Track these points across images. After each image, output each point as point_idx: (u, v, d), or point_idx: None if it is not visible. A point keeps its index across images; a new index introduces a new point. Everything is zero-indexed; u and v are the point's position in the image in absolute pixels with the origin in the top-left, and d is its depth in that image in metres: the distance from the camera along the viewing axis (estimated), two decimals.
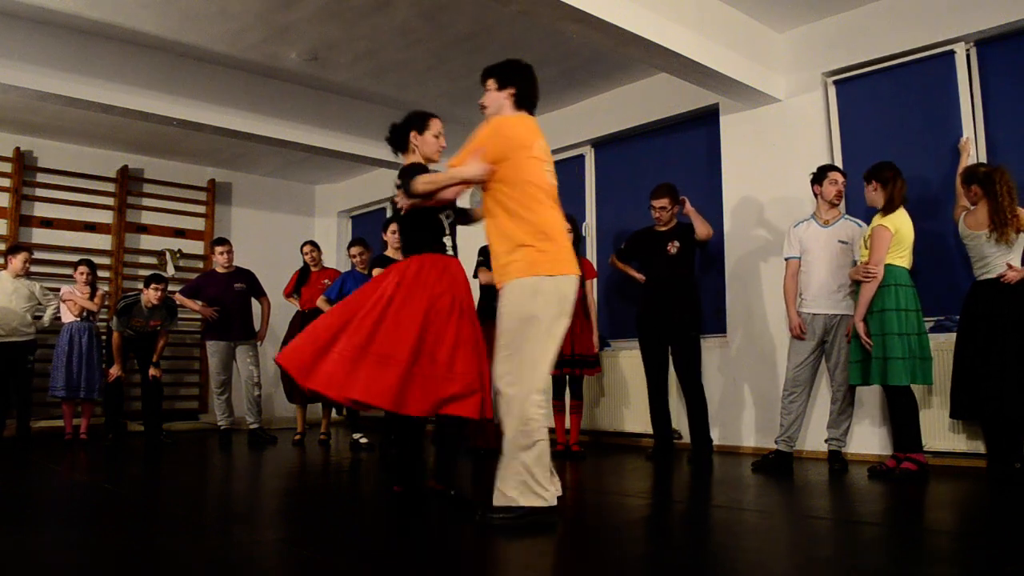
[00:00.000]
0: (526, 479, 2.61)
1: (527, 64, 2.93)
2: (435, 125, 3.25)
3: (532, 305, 2.65)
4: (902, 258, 3.86)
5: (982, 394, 3.68)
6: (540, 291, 2.66)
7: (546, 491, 2.64)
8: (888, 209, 3.89)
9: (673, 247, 4.73)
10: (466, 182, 2.83)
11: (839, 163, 4.81)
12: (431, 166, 3.19)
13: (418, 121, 3.25)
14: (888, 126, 4.72)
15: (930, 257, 4.40)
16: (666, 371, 4.80)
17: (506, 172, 2.75)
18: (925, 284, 4.34)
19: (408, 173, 3.00)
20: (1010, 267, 3.71)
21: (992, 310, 3.71)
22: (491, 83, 2.90)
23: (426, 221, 3.14)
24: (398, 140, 3.27)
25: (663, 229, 4.82)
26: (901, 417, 3.84)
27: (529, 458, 2.61)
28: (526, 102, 2.89)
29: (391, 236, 4.94)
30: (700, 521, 3.06)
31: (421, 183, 2.89)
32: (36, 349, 6.02)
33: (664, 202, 4.78)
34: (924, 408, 4.25)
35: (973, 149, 4.30)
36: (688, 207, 4.74)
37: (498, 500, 2.64)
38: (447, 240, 3.17)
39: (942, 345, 4.16)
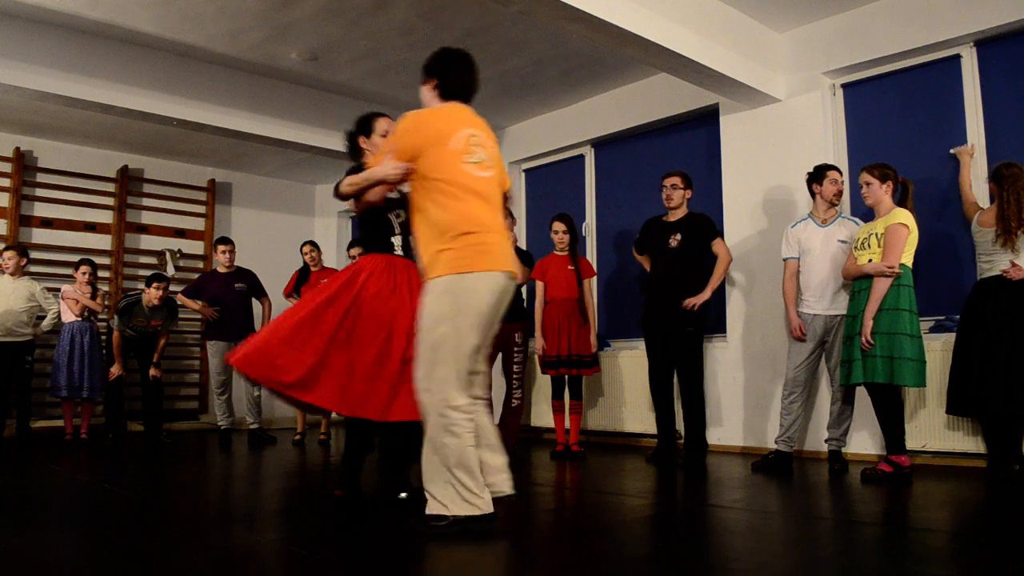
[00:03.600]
0: (456, 487, 2.47)
1: (456, 51, 2.76)
2: (380, 125, 3.22)
3: (442, 306, 2.50)
4: (909, 258, 3.81)
5: (984, 391, 3.66)
6: (452, 291, 2.49)
7: (479, 498, 2.48)
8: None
9: (674, 240, 4.61)
10: (384, 182, 2.71)
11: (844, 164, 4.81)
12: None
13: (363, 126, 3.27)
14: (893, 129, 4.73)
15: (931, 257, 4.41)
16: (670, 370, 4.67)
17: (424, 168, 2.59)
18: (926, 284, 4.34)
19: (345, 176, 3.00)
20: (1014, 264, 3.71)
21: (995, 307, 3.70)
22: (422, 79, 2.77)
23: (374, 221, 3.19)
24: (353, 150, 3.30)
25: (670, 220, 4.70)
26: (884, 417, 3.77)
27: (451, 465, 2.47)
28: (453, 91, 2.70)
29: None
30: (700, 521, 3.06)
31: (344, 185, 2.88)
32: (34, 349, 6.01)
33: (675, 179, 4.67)
34: (922, 408, 4.26)
35: (977, 155, 4.29)
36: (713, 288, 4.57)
37: (431, 508, 2.50)
38: (395, 240, 3.19)
39: (943, 345, 4.15)
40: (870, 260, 3.84)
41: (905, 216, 3.81)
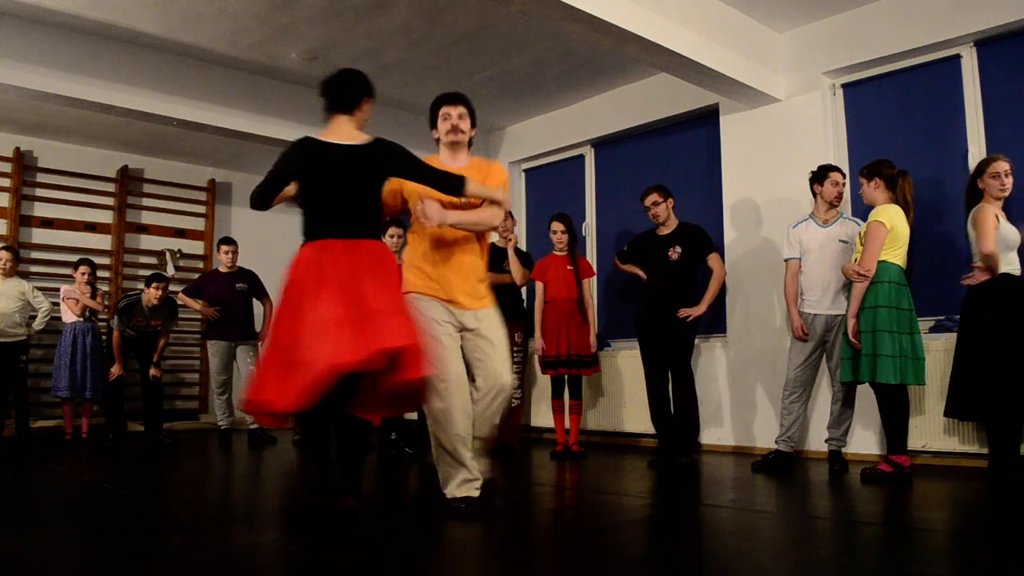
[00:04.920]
0: None
1: None
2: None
3: None
4: (897, 255, 3.78)
5: (979, 393, 3.65)
6: None
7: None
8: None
9: (675, 253, 4.64)
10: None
11: (844, 164, 4.80)
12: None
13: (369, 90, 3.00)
14: (893, 129, 4.73)
15: (931, 257, 4.41)
16: (667, 374, 4.68)
17: None
18: (926, 284, 4.35)
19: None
20: (975, 268, 3.71)
21: (980, 310, 3.69)
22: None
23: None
24: (349, 100, 2.97)
25: (665, 233, 4.72)
26: (887, 416, 3.78)
27: None
28: None
29: (389, 240, 4.94)
30: (700, 521, 3.06)
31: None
32: (28, 349, 6.00)
33: (654, 196, 4.70)
34: (921, 408, 4.26)
35: (977, 155, 4.29)
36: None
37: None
38: None
39: (943, 345, 4.15)
40: (855, 259, 3.87)
41: (885, 213, 3.78)
